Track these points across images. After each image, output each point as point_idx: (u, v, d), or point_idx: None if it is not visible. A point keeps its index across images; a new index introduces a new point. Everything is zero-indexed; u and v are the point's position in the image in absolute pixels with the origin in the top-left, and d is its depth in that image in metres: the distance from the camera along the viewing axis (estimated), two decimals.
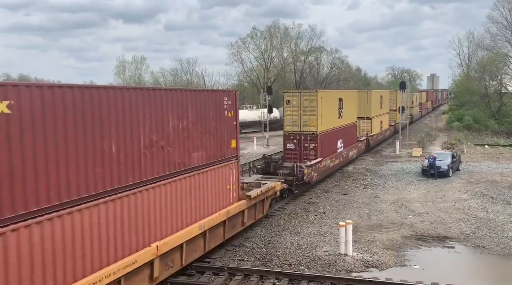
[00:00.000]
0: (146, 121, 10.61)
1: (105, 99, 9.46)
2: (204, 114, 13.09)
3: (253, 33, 76.78)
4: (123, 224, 9.93)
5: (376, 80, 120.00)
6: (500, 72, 55.91)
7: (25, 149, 7.74)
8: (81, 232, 8.83)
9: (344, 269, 13.42)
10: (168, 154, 11.40)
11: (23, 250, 7.64)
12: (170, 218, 11.55)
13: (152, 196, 10.84)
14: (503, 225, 17.35)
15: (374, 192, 23.21)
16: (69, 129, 8.58)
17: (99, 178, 9.25)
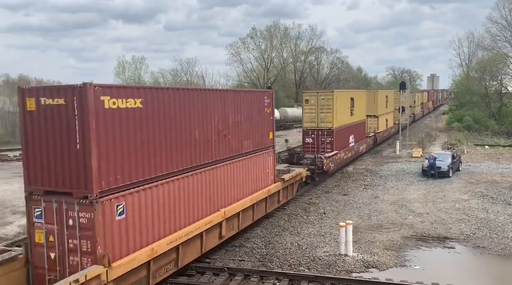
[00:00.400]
0: (216, 114, 13.63)
1: (192, 97, 12.50)
2: (251, 110, 16.12)
3: (252, 33, 76.90)
4: (202, 192, 12.97)
5: (376, 80, 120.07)
6: (500, 72, 55.92)
7: (149, 132, 10.77)
8: (177, 196, 11.84)
9: (344, 269, 13.41)
10: (228, 141, 14.42)
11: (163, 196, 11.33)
12: (231, 191, 14.62)
13: (219, 173, 13.85)
14: (503, 226, 17.34)
15: (374, 193, 23.20)
16: (172, 118, 11.59)
17: (189, 156, 12.32)
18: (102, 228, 9.40)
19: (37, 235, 9.96)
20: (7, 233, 16.99)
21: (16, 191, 23.05)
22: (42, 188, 9.88)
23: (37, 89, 9.95)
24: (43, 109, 9.62)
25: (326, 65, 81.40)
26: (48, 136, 9.66)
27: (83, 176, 9.30)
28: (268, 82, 74.16)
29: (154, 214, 10.96)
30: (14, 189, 23.93)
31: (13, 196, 22.58)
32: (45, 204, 9.83)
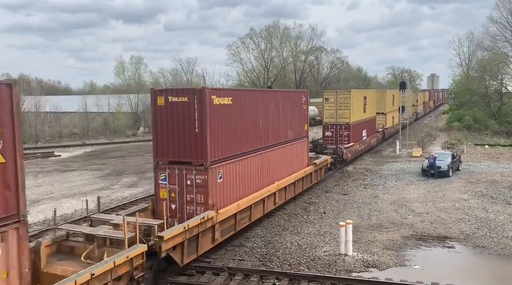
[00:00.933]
0: (271, 109, 17.82)
1: (257, 96, 16.96)
2: (293, 107, 20.43)
3: (251, 33, 76.85)
4: (264, 168, 17.20)
5: (376, 80, 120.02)
6: (500, 72, 55.90)
7: (235, 121, 14.98)
8: (250, 169, 16.11)
9: (344, 269, 13.42)
10: (279, 130, 18.70)
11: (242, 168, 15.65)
12: (280, 169, 18.91)
13: (273, 154, 18.10)
14: (503, 225, 17.35)
15: (374, 192, 23.21)
16: (247, 112, 15.88)
17: (257, 140, 16.68)
18: (211, 186, 13.58)
19: (161, 192, 14.09)
20: None
21: None
22: (167, 159, 13.95)
23: (166, 90, 14.16)
24: (170, 104, 13.67)
25: (326, 65, 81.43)
26: (173, 123, 13.72)
27: (200, 151, 13.43)
28: (268, 81, 74.15)
29: (238, 180, 15.27)
30: None
31: None
32: (168, 171, 13.93)
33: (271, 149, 17.85)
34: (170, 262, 12.36)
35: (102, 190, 24.94)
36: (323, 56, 79.71)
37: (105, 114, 61.46)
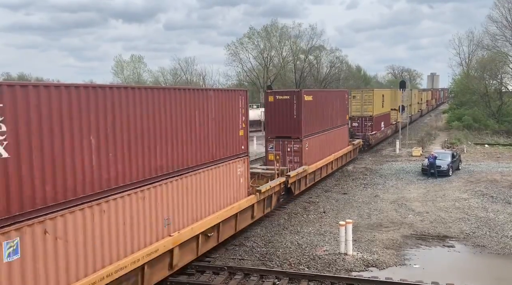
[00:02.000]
0: (331, 104, 25.95)
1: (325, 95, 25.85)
2: (342, 102, 28.54)
3: (250, 33, 76.74)
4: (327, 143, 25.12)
5: (376, 79, 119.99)
6: (500, 71, 55.89)
7: (316, 112, 23.22)
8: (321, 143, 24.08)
9: (344, 268, 13.42)
10: (335, 118, 26.55)
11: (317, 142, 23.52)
12: (334, 145, 26.45)
13: (332, 134, 25.91)
14: (503, 225, 17.36)
15: (374, 192, 23.21)
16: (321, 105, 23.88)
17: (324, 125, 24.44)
18: (303, 151, 21.38)
19: (270, 156, 21.72)
20: None
21: None
22: (274, 134, 21.79)
23: (275, 92, 22.82)
24: (277, 101, 21.52)
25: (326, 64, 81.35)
26: (278, 113, 21.53)
27: (297, 129, 21.29)
28: (268, 81, 74.11)
29: (315, 149, 22.85)
30: None
31: None
32: (274, 142, 21.72)
33: (331, 130, 25.70)
34: (288, 192, 20.23)
35: None
36: (323, 55, 79.65)
37: None
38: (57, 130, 8.21)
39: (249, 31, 77.51)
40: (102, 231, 9.20)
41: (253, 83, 76.31)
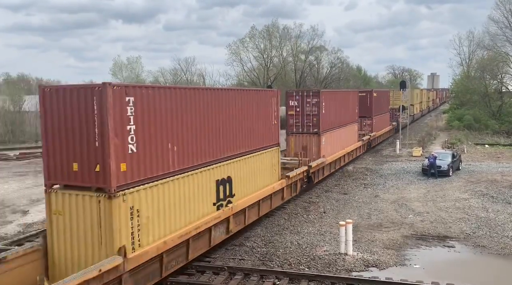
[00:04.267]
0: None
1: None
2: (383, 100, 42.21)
3: (251, 33, 76.70)
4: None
5: (376, 79, 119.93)
6: (501, 71, 55.87)
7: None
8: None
9: (344, 268, 13.41)
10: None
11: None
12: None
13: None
14: (503, 225, 17.34)
15: (374, 192, 23.20)
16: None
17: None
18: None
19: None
20: (7, 232, 17.02)
21: (15, 190, 23.11)
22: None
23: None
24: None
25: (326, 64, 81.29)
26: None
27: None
28: (268, 81, 74.08)
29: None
30: (13, 189, 24.00)
31: (13, 195, 22.62)
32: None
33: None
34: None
35: None
36: (324, 55, 79.59)
37: None
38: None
39: (250, 31, 77.53)
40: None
41: (253, 83, 76.25)
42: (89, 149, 9.68)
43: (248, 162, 15.35)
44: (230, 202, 14.12)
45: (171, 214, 11.30)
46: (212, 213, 13.15)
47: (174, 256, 11.67)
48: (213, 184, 13.23)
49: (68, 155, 9.93)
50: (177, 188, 11.53)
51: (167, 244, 10.99)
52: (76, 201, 9.93)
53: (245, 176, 15.19)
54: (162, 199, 10.94)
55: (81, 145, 9.76)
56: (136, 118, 10.04)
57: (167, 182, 11.09)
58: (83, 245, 9.91)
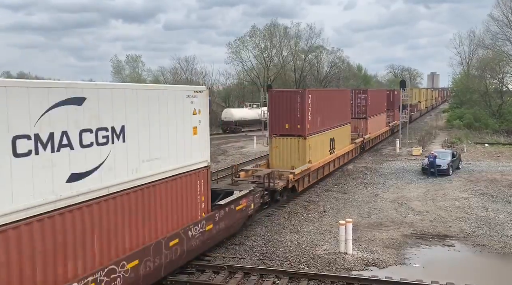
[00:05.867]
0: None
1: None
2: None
3: (252, 32, 76.67)
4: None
5: (376, 78, 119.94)
6: (501, 71, 55.86)
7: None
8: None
9: (344, 267, 13.42)
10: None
11: None
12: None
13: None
14: (503, 224, 17.35)
15: (374, 191, 23.20)
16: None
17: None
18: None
19: None
20: None
21: None
22: None
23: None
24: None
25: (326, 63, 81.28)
26: None
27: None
28: (268, 80, 74.06)
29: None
30: None
31: None
32: None
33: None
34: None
35: None
36: (323, 55, 79.58)
37: None
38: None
39: (251, 30, 77.48)
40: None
41: (253, 82, 76.24)
42: (295, 118, 21.60)
43: (340, 131, 27.28)
44: (333, 152, 26.21)
45: (319, 151, 23.53)
46: (328, 155, 25.35)
47: (320, 170, 24.30)
48: (328, 140, 25.37)
49: (283, 121, 21.78)
50: (321, 138, 23.85)
51: (319, 164, 23.66)
52: (286, 141, 21.89)
53: (339, 138, 26.97)
54: (318, 142, 23.37)
55: (290, 116, 21.65)
56: (312, 105, 22.03)
57: (319, 134, 23.45)
58: (288, 161, 21.81)
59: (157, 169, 11.01)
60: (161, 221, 11.23)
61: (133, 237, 10.26)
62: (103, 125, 9.38)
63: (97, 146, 9.24)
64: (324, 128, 24.08)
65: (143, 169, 10.54)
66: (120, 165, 9.84)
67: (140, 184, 10.42)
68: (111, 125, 9.59)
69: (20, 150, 7.70)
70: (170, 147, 11.55)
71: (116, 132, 9.77)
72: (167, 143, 11.47)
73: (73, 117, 8.67)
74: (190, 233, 12.32)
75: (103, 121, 9.37)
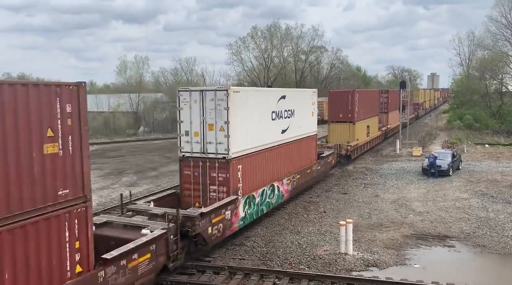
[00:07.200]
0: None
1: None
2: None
3: (253, 32, 76.72)
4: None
5: (376, 79, 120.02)
6: (501, 71, 55.86)
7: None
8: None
9: (344, 268, 13.43)
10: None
11: None
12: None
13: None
14: (503, 224, 17.35)
15: (374, 191, 23.21)
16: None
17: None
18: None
19: None
20: None
21: None
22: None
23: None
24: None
25: (326, 64, 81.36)
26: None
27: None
28: (268, 81, 74.10)
29: None
30: None
31: None
32: None
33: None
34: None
35: (102, 189, 24.97)
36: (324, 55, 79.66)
37: (105, 114, 61.41)
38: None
39: (252, 31, 77.53)
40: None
41: (254, 83, 76.25)
42: (347, 109, 30.50)
43: (372, 120, 35.87)
44: (369, 135, 34.87)
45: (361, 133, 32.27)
46: (366, 137, 33.80)
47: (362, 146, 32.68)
48: (366, 126, 33.42)
49: (338, 112, 30.60)
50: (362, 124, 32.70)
51: (362, 142, 32.43)
52: (340, 126, 30.63)
53: (372, 126, 35.59)
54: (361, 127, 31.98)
55: (342, 108, 30.59)
56: (357, 101, 30.87)
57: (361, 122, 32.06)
58: (341, 139, 30.11)
59: (302, 132, 21.07)
60: (303, 159, 21.50)
61: (297, 164, 20.65)
62: (288, 108, 19.48)
63: (287, 118, 19.38)
64: (364, 117, 33.05)
65: (299, 131, 20.71)
66: (293, 128, 19.92)
67: (298, 138, 20.71)
68: (291, 108, 19.74)
69: (272, 117, 17.96)
70: (305, 121, 21.48)
71: (292, 112, 19.89)
72: (304, 119, 21.34)
73: (284, 104, 18.99)
74: (313, 168, 22.73)
75: (289, 107, 19.48)
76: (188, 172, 15.39)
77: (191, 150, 15.27)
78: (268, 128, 17.23)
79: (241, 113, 15.16)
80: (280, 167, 18.47)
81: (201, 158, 15.07)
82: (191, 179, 15.34)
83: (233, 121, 14.62)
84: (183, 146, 15.39)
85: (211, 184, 15.02)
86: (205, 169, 15.03)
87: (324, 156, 24.67)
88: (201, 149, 15.06)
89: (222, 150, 14.65)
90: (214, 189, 15.03)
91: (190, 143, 15.22)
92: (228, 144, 14.58)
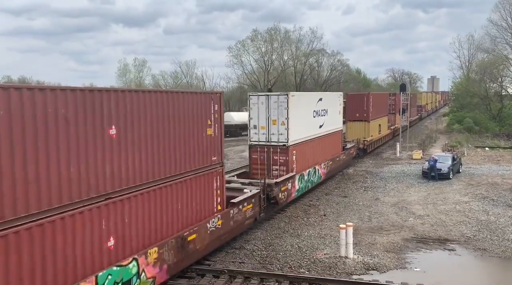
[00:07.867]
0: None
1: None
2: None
3: (253, 35, 76.82)
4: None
5: (376, 82, 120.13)
6: (501, 74, 55.90)
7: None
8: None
9: (344, 271, 13.39)
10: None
11: None
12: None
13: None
14: (504, 228, 17.31)
15: (374, 195, 23.18)
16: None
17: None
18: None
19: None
20: None
21: None
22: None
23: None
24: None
25: (327, 67, 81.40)
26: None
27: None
28: (268, 84, 74.16)
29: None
30: None
31: None
32: None
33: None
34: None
35: None
36: (324, 58, 79.71)
37: None
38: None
39: (252, 33, 77.62)
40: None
41: (254, 86, 76.28)
42: (362, 109, 34.59)
43: (383, 120, 38.52)
44: (380, 133, 37.60)
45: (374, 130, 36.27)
46: (378, 134, 37.48)
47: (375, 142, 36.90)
48: (378, 125, 36.65)
49: (355, 112, 34.64)
50: (375, 123, 36.80)
51: (375, 138, 36.54)
52: (356, 124, 34.58)
53: (382, 125, 37.90)
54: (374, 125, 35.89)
55: (359, 108, 34.58)
56: (372, 102, 34.92)
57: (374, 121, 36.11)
58: (357, 135, 34.02)
59: (332, 127, 25.09)
60: (333, 149, 25.69)
61: (329, 153, 24.85)
62: (324, 108, 23.53)
63: (323, 116, 23.44)
64: (376, 117, 36.47)
65: (331, 126, 24.70)
66: (327, 124, 24.02)
67: (330, 132, 24.80)
68: (325, 108, 23.81)
69: (313, 115, 22.30)
70: (335, 119, 25.52)
71: (326, 111, 23.87)
72: (334, 117, 25.30)
73: (321, 105, 23.09)
74: (340, 157, 26.94)
75: (324, 107, 23.51)
76: (255, 156, 20.05)
77: (258, 140, 20.00)
78: (311, 124, 21.91)
79: (295, 111, 19.72)
80: (318, 154, 23.10)
81: (265, 145, 19.81)
82: (258, 161, 19.92)
83: (291, 117, 19.35)
84: (251, 136, 20.10)
85: (273, 164, 19.78)
86: (269, 154, 19.80)
87: (347, 148, 29.22)
88: (266, 139, 19.83)
89: (282, 139, 19.46)
90: (276, 168, 19.76)
91: (257, 134, 19.95)
92: (288, 134, 19.41)
